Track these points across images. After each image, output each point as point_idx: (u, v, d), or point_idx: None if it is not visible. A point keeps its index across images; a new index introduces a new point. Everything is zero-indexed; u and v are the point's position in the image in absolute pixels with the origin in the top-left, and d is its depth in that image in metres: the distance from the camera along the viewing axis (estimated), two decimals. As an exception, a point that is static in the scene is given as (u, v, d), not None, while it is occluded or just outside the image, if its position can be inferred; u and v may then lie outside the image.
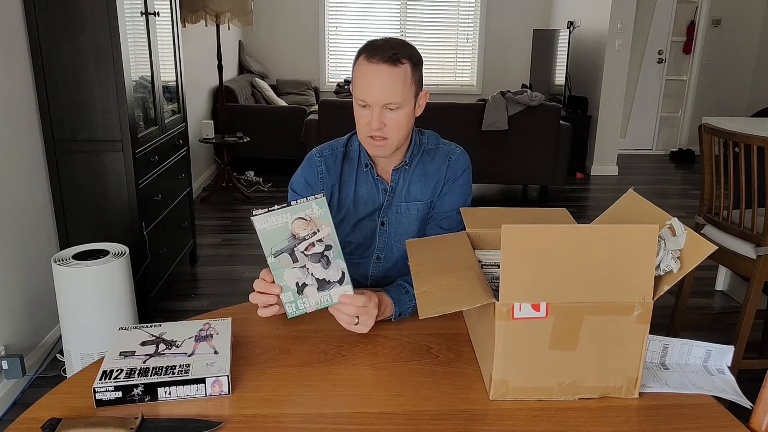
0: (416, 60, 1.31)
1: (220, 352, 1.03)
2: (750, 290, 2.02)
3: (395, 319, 1.22)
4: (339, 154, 1.43)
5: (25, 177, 2.29)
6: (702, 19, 6.39)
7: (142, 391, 0.94)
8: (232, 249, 3.66)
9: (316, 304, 1.08)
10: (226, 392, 0.97)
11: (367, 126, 1.29)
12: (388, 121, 1.28)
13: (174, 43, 3.03)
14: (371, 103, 1.27)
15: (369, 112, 1.28)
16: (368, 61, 1.26)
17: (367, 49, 1.28)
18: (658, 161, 6.50)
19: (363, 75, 1.27)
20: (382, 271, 1.47)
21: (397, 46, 1.27)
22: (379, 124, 1.27)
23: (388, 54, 1.25)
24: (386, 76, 1.25)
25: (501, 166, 4.62)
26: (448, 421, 0.92)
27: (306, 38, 6.69)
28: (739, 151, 2.00)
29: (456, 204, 1.42)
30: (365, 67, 1.26)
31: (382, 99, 1.26)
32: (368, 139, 1.32)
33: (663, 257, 0.95)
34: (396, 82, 1.26)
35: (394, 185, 1.41)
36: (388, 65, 1.25)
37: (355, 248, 1.46)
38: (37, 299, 2.35)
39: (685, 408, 0.97)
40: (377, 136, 1.30)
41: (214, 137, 4.66)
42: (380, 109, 1.27)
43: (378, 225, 1.44)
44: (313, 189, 1.41)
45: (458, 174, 1.43)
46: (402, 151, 1.40)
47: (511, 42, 6.85)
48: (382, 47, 1.26)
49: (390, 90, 1.25)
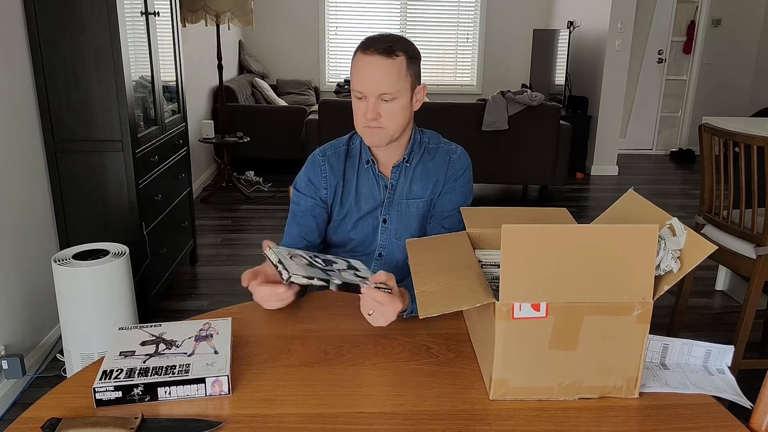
0: (412, 54, 1.33)
1: (220, 352, 1.03)
2: (750, 290, 2.02)
3: (406, 316, 1.20)
4: (341, 152, 1.45)
5: (25, 177, 2.29)
6: (702, 19, 6.39)
7: (142, 391, 0.94)
8: (233, 249, 3.66)
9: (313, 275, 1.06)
10: (226, 392, 0.97)
11: (363, 117, 1.32)
12: (384, 112, 1.31)
13: (174, 42, 3.03)
14: (366, 94, 1.30)
15: (365, 104, 1.31)
16: (364, 54, 1.29)
17: (363, 42, 1.31)
18: (658, 161, 6.50)
19: (359, 67, 1.30)
20: (384, 268, 1.47)
21: (392, 39, 1.31)
22: (374, 114, 1.30)
23: (383, 46, 1.28)
24: (381, 67, 1.28)
25: (501, 166, 4.62)
26: (448, 421, 0.92)
27: (306, 38, 6.69)
28: (739, 151, 2.00)
29: (457, 203, 1.43)
30: (361, 59, 1.30)
31: (377, 89, 1.29)
32: (364, 129, 1.34)
33: (663, 257, 0.95)
34: (390, 73, 1.28)
35: (395, 182, 1.43)
36: (383, 57, 1.28)
37: (357, 245, 1.47)
38: (37, 299, 2.35)
39: (685, 408, 0.97)
40: (373, 126, 1.32)
41: (214, 137, 4.66)
42: (375, 99, 1.30)
43: (380, 222, 1.45)
44: (316, 189, 1.43)
45: (459, 173, 1.45)
46: (401, 146, 1.42)
47: (511, 42, 6.85)
48: (378, 40, 1.29)
49: (384, 81, 1.28)
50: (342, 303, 1.29)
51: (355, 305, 1.21)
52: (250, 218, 4.26)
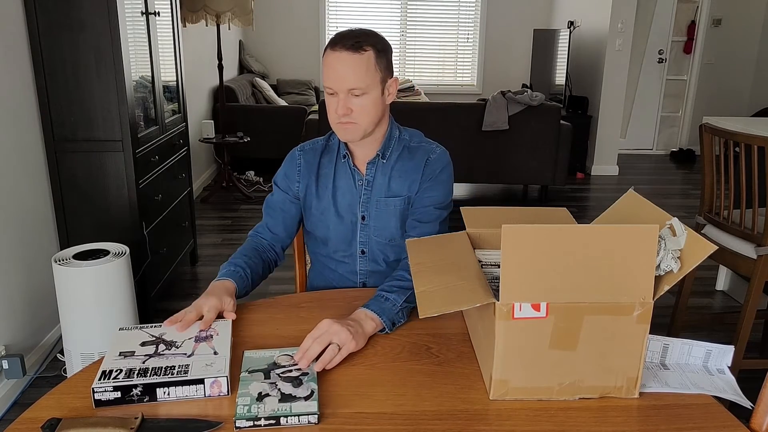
0: (381, 47, 1.34)
1: (219, 353, 1.03)
2: (750, 290, 2.02)
3: (391, 330, 1.18)
4: (319, 147, 1.48)
5: (25, 177, 2.29)
6: (702, 18, 6.39)
7: (141, 391, 0.94)
8: (233, 249, 3.63)
9: (271, 411, 0.90)
10: (225, 393, 0.97)
11: (334, 113, 1.33)
12: (355, 107, 1.32)
13: (174, 42, 3.03)
14: (336, 90, 1.31)
15: (335, 99, 1.32)
16: (332, 50, 1.31)
17: (332, 39, 1.33)
18: (659, 161, 6.49)
19: (328, 63, 1.32)
20: (369, 265, 1.49)
21: (360, 35, 1.32)
22: (344, 109, 1.32)
23: (351, 42, 1.30)
24: (348, 63, 1.29)
25: (501, 166, 4.62)
26: (448, 421, 0.92)
27: (306, 38, 6.69)
28: (740, 151, 2.00)
29: (434, 199, 1.43)
30: (330, 56, 1.31)
31: (346, 85, 1.30)
32: (338, 125, 1.36)
33: (663, 257, 0.95)
34: (358, 68, 1.30)
35: (371, 178, 1.44)
36: (350, 52, 1.29)
37: (338, 243, 1.48)
38: (37, 299, 2.35)
39: (685, 408, 0.97)
40: (344, 121, 1.34)
41: (215, 137, 4.66)
42: (345, 95, 1.31)
43: (359, 219, 1.45)
44: (290, 182, 1.47)
45: (436, 171, 1.44)
46: (376, 141, 1.43)
47: (512, 42, 6.85)
48: (346, 36, 1.31)
49: (352, 76, 1.30)
50: (342, 303, 1.30)
51: (355, 305, 1.21)
52: (251, 218, 4.26)
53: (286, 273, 1.99)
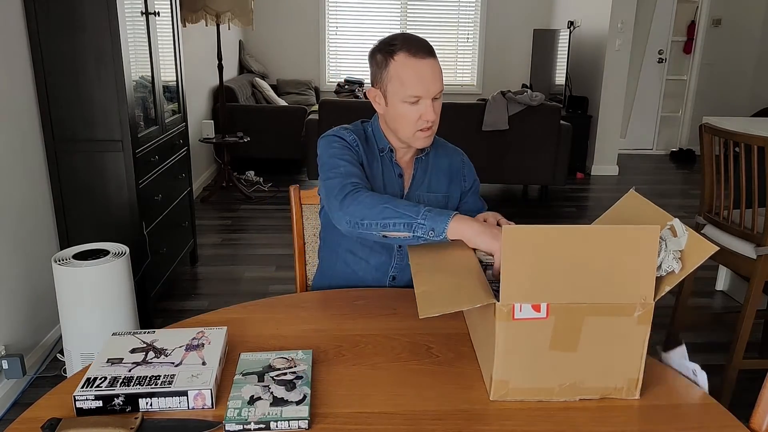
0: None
1: (208, 364, 1.00)
2: (750, 290, 2.02)
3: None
4: (361, 135, 1.44)
5: (25, 177, 2.29)
6: (702, 18, 6.39)
7: (122, 401, 0.92)
8: (233, 249, 3.66)
9: (261, 416, 0.90)
10: (209, 406, 0.94)
11: (419, 120, 1.32)
12: (436, 110, 1.34)
13: (174, 42, 3.03)
14: (426, 96, 1.31)
15: (418, 107, 1.31)
16: (415, 57, 1.29)
17: (405, 46, 1.30)
18: (659, 161, 6.49)
19: (415, 71, 1.30)
20: (404, 260, 1.47)
21: (424, 40, 1.34)
22: (434, 115, 1.32)
23: (427, 47, 1.31)
24: (435, 68, 1.31)
25: (501, 166, 4.62)
26: (448, 421, 0.92)
27: (306, 38, 6.69)
28: (740, 151, 2.00)
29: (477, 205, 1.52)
30: (415, 63, 1.30)
31: (435, 89, 1.31)
32: (418, 133, 1.35)
33: (664, 258, 0.95)
34: (440, 72, 1.33)
35: (415, 173, 1.46)
36: (433, 58, 1.31)
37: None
38: (37, 299, 2.35)
39: (685, 408, 0.97)
40: (428, 127, 1.34)
41: (215, 137, 4.66)
42: (431, 100, 1.32)
43: None
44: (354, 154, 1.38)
45: (472, 182, 1.53)
46: None
47: (512, 42, 6.85)
48: (419, 42, 1.32)
49: (439, 81, 1.32)
50: (342, 303, 1.30)
51: (355, 305, 1.21)
52: (250, 218, 4.26)
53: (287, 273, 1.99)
